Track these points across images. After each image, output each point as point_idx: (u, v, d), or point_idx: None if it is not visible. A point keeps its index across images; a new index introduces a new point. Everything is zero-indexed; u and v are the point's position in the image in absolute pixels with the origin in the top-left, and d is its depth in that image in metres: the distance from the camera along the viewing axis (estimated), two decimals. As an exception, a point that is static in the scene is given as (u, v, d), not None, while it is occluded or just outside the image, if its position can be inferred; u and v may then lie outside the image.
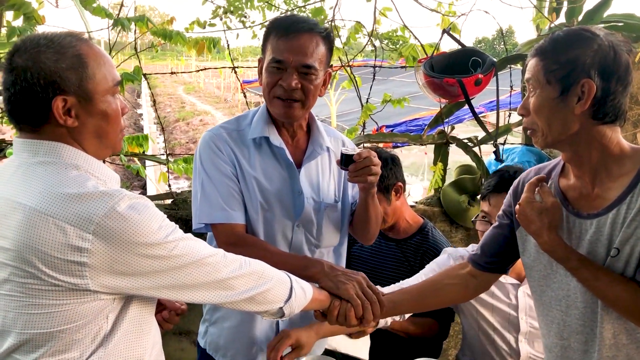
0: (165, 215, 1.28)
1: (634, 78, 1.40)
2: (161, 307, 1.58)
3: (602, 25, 3.12)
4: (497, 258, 1.74)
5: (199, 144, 1.87)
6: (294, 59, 1.73)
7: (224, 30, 2.96)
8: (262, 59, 1.83)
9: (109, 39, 2.81)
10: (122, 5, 2.66)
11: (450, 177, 3.47)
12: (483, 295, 2.07)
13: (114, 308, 1.25)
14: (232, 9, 2.99)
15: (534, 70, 1.42)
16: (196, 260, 1.30)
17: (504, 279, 2.13)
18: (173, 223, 1.29)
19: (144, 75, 2.81)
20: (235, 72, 3.04)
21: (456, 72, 2.67)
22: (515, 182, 1.68)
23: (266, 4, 3.07)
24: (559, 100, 1.38)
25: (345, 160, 1.79)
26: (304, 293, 1.56)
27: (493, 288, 2.05)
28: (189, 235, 1.32)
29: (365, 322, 1.70)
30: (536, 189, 1.50)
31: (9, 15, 2.58)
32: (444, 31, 2.81)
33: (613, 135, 1.40)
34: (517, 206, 1.52)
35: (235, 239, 1.76)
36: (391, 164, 2.29)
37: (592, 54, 1.34)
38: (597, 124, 1.38)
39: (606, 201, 1.41)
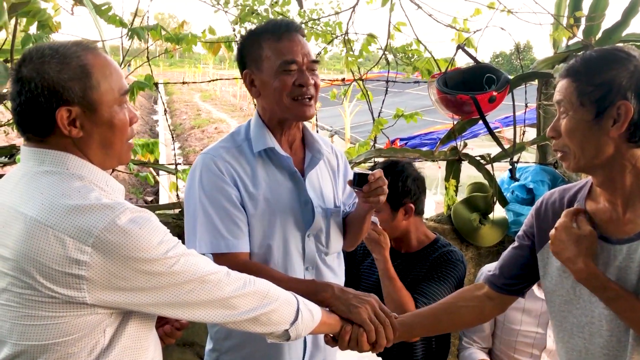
0: (168, 230, 1.25)
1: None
2: (163, 321, 1.55)
3: (621, 44, 3.08)
4: (516, 280, 1.68)
5: (196, 165, 1.81)
6: (304, 57, 1.74)
7: (237, 41, 2.95)
8: (252, 71, 1.79)
9: (122, 46, 2.82)
10: (136, 14, 2.67)
11: (462, 194, 3.43)
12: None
13: (112, 322, 1.23)
14: (247, 8, 2.99)
15: (566, 91, 1.37)
16: (197, 277, 1.27)
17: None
18: (175, 238, 1.26)
19: (155, 84, 2.81)
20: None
21: (470, 89, 2.65)
22: (538, 202, 1.64)
23: (280, 16, 3.07)
24: (593, 123, 1.34)
25: (359, 181, 1.79)
26: (312, 316, 1.51)
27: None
28: (192, 251, 1.30)
29: (379, 346, 1.66)
30: (574, 217, 1.45)
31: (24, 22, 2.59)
32: (458, 47, 2.79)
33: None
34: (553, 230, 1.46)
35: (239, 269, 1.72)
36: (420, 180, 2.29)
37: (628, 75, 1.30)
38: (632, 147, 1.34)
39: (638, 226, 1.37)
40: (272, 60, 1.73)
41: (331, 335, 1.66)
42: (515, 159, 3.21)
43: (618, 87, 1.30)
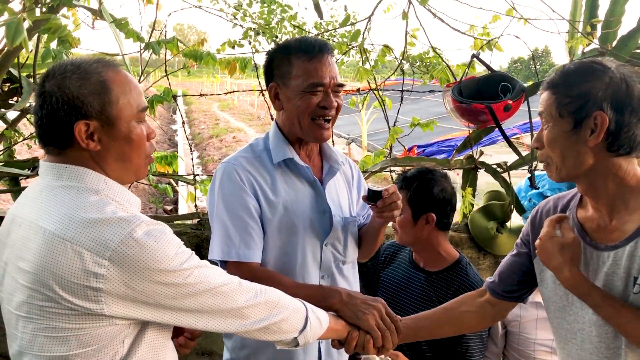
0: (182, 242, 1.28)
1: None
2: (177, 332, 1.57)
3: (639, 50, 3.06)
4: (515, 287, 1.73)
5: (217, 174, 1.84)
6: (331, 80, 1.77)
7: (253, 53, 3.00)
8: (278, 85, 1.83)
9: (140, 59, 2.87)
10: (153, 28, 2.72)
11: (479, 202, 3.41)
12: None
13: (130, 333, 1.25)
14: (261, 31, 3.03)
15: (546, 103, 1.43)
16: (211, 288, 1.30)
17: None
18: (189, 250, 1.29)
19: (174, 96, 2.85)
20: (263, 95, 3.06)
21: (485, 98, 2.65)
22: (534, 211, 1.69)
23: (297, 29, 3.10)
24: (572, 133, 1.39)
25: (373, 196, 1.82)
26: (320, 323, 1.55)
27: None
28: (205, 262, 1.33)
29: (385, 351, 1.69)
30: (557, 225, 1.50)
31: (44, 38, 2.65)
32: (473, 56, 2.79)
33: (629, 167, 1.40)
34: (538, 241, 1.51)
35: (249, 277, 1.71)
36: (449, 194, 2.25)
37: (604, 87, 1.35)
38: (612, 156, 1.38)
39: (624, 233, 1.40)
40: (300, 80, 1.77)
41: (338, 340, 1.69)
42: (532, 166, 3.18)
43: (594, 98, 1.34)
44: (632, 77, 1.36)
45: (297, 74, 1.77)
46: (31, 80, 2.77)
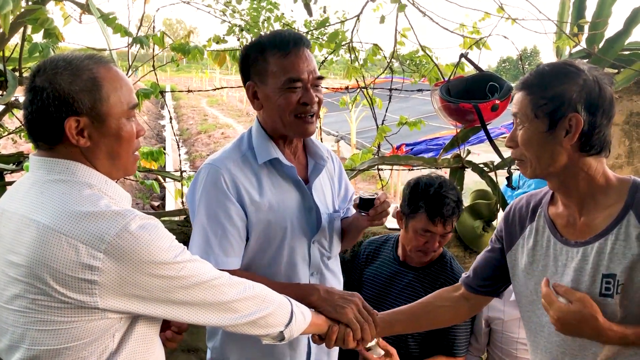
0: (174, 236, 1.30)
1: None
2: (164, 326, 1.58)
3: (627, 52, 3.09)
4: (490, 281, 1.78)
5: (201, 176, 1.79)
6: (309, 75, 1.73)
7: (240, 48, 2.98)
8: (255, 84, 1.78)
9: (129, 54, 2.85)
10: (141, 23, 2.70)
11: (466, 200, 3.42)
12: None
13: (121, 327, 1.27)
14: (248, 27, 3.01)
15: (521, 104, 1.46)
16: (203, 281, 1.32)
17: None
18: (181, 244, 1.32)
19: (162, 92, 2.83)
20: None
21: (473, 97, 2.65)
22: (507, 208, 1.73)
23: (287, 26, 3.09)
24: (547, 134, 1.42)
25: (364, 204, 1.84)
26: (304, 317, 1.60)
27: None
28: (197, 257, 1.36)
29: (364, 343, 1.76)
30: (553, 294, 1.46)
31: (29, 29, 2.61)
32: (461, 55, 2.80)
33: (599, 166, 1.45)
34: (555, 322, 1.45)
35: None
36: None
37: (578, 89, 1.38)
38: (584, 156, 1.43)
39: (593, 230, 1.45)
40: (277, 76, 1.72)
41: (318, 335, 1.74)
42: (511, 167, 3.20)
43: (569, 100, 1.38)
44: (604, 80, 1.40)
45: (274, 70, 1.72)
46: (17, 74, 2.74)
